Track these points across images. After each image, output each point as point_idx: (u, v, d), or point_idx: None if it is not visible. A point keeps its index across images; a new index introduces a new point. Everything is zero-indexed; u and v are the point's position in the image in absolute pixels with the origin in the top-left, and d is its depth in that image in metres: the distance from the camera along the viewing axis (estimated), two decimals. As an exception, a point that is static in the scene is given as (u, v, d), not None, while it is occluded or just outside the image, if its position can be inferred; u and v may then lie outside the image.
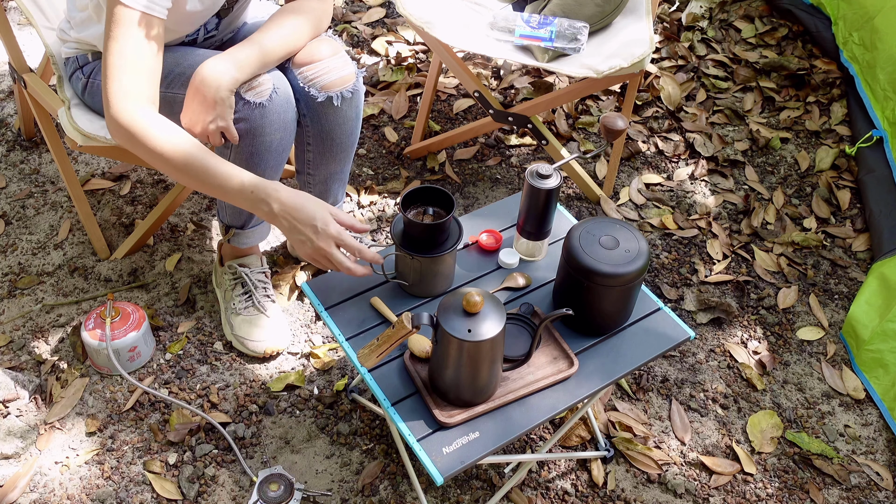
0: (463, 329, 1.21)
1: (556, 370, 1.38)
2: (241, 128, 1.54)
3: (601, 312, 1.41)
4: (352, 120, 1.70)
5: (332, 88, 1.62)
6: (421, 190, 1.45)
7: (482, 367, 1.26)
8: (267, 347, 1.83)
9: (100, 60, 1.66)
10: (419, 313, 1.24)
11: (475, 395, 1.30)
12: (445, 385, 1.30)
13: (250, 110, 1.52)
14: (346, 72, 1.63)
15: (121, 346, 1.74)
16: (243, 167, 1.59)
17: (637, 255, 1.35)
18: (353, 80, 1.65)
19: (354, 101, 1.67)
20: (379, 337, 1.28)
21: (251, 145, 1.57)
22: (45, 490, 1.62)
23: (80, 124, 1.66)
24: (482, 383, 1.29)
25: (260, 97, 1.52)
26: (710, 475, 1.74)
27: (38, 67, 1.98)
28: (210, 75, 1.45)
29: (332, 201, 1.88)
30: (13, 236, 2.07)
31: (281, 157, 1.63)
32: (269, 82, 1.53)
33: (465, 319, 1.22)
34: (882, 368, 1.89)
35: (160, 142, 1.36)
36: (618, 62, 1.91)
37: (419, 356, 1.38)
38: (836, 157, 2.49)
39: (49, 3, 1.92)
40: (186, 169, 1.37)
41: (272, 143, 1.58)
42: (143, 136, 1.36)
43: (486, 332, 1.22)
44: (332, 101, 1.63)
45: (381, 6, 2.93)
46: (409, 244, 1.42)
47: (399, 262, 1.47)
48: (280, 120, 1.56)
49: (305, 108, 1.66)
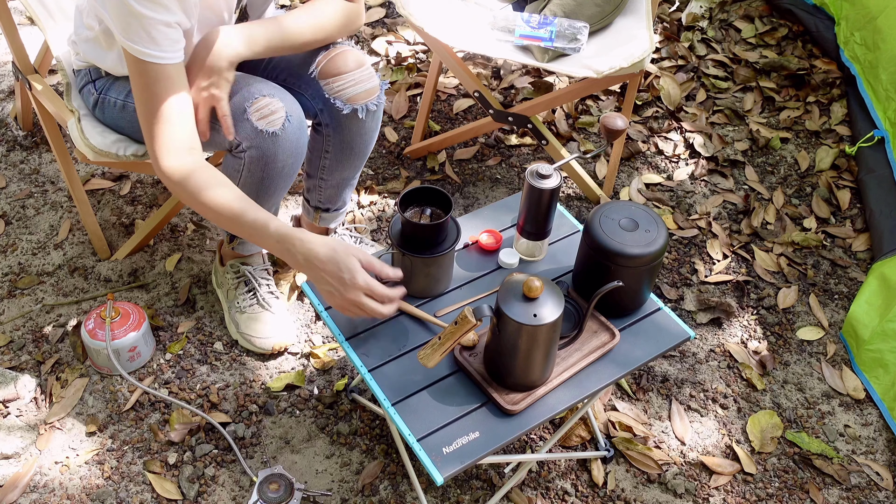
0: (528, 314, 1.25)
1: (600, 343, 1.43)
2: (252, 155, 1.53)
3: (627, 294, 1.45)
4: (372, 131, 1.71)
5: (357, 101, 1.62)
6: (419, 190, 1.45)
7: (549, 349, 1.30)
8: (275, 343, 1.83)
9: (112, 77, 1.65)
10: (480, 306, 1.26)
11: (540, 376, 1.35)
12: (509, 371, 1.33)
13: (262, 139, 1.51)
14: (371, 84, 1.63)
15: (121, 346, 1.74)
16: (252, 191, 1.60)
17: (657, 235, 1.40)
18: (378, 93, 1.65)
19: (377, 113, 1.68)
20: (441, 335, 1.29)
21: (262, 171, 1.56)
22: (45, 490, 1.62)
23: (92, 139, 1.64)
24: (547, 364, 1.34)
25: (272, 126, 1.50)
26: (710, 475, 1.74)
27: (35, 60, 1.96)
28: (213, 41, 1.45)
29: (340, 204, 1.88)
30: (13, 236, 2.07)
31: (291, 178, 1.63)
32: (281, 110, 1.51)
33: (528, 305, 1.25)
34: (882, 368, 1.89)
35: (203, 196, 1.39)
36: (618, 62, 1.91)
37: (467, 345, 1.41)
38: (836, 157, 2.49)
39: (58, 5, 1.90)
40: (223, 220, 1.40)
41: (283, 168, 1.58)
42: (188, 190, 1.40)
43: (549, 315, 1.26)
44: (356, 114, 1.63)
45: (381, 6, 2.93)
46: (407, 244, 1.42)
47: (395, 262, 1.47)
48: (292, 147, 1.56)
49: (328, 118, 1.66)
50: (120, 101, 1.62)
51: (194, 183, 1.39)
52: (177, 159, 1.40)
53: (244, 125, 1.50)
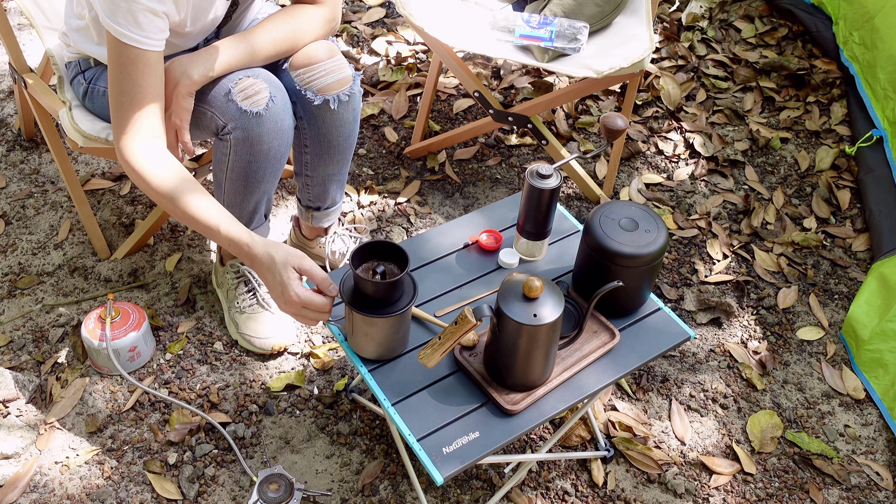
0: (527, 314, 1.25)
1: (600, 343, 1.43)
2: (237, 136, 1.53)
3: (627, 294, 1.45)
4: (349, 123, 1.70)
5: (328, 91, 1.61)
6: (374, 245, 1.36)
7: (549, 349, 1.30)
8: (274, 343, 1.83)
9: (101, 67, 1.66)
10: (480, 306, 1.26)
11: (540, 376, 1.35)
12: (509, 371, 1.32)
13: (247, 119, 1.51)
14: (343, 74, 1.63)
15: (121, 346, 1.74)
16: (241, 177, 1.60)
17: (657, 235, 1.40)
18: (350, 83, 1.64)
19: (352, 104, 1.67)
20: (441, 335, 1.28)
21: (248, 154, 1.56)
22: (45, 490, 1.62)
23: (82, 126, 1.66)
24: (547, 364, 1.34)
25: (256, 106, 1.51)
26: (710, 475, 1.74)
27: (38, 67, 1.98)
28: (171, 70, 1.47)
29: (331, 202, 1.88)
30: (13, 236, 2.07)
31: (279, 163, 1.63)
32: (265, 90, 1.52)
33: (528, 305, 1.25)
34: (882, 368, 1.89)
35: (156, 181, 1.41)
36: (618, 62, 1.91)
37: (467, 345, 1.41)
38: (836, 156, 2.49)
39: (50, 3, 1.92)
40: (175, 210, 1.41)
41: (269, 150, 1.58)
42: (142, 174, 1.41)
43: (549, 315, 1.26)
44: (328, 105, 1.63)
45: (381, 6, 2.93)
46: (358, 302, 1.33)
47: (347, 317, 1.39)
48: (277, 128, 1.56)
49: (302, 110, 1.66)
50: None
51: (146, 162, 1.41)
52: (141, 143, 1.42)
53: (229, 106, 1.51)
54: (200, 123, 1.57)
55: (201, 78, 1.49)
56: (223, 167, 1.61)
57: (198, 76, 1.48)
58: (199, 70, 1.48)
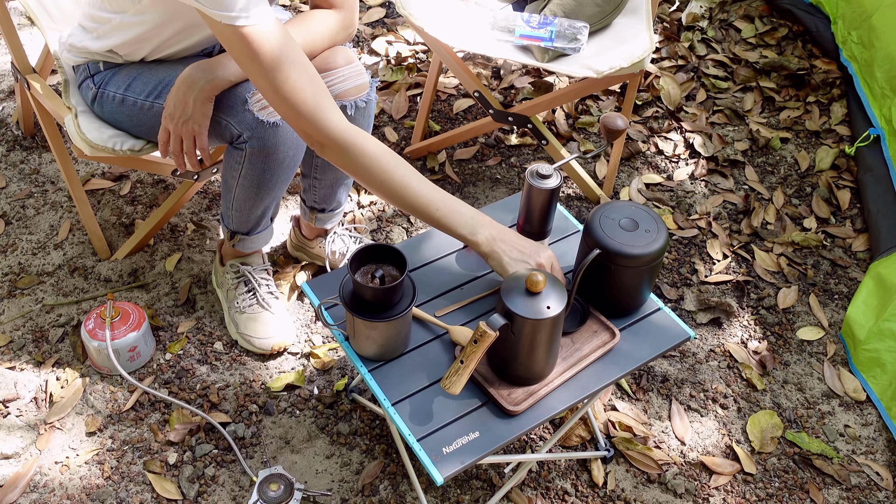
0: (532, 309, 1.25)
1: (600, 343, 1.43)
2: (253, 146, 1.53)
3: (627, 294, 1.45)
4: (365, 128, 1.70)
5: (345, 98, 1.61)
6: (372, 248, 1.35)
7: (552, 342, 1.31)
8: (274, 343, 1.83)
9: (111, 70, 1.63)
10: (492, 317, 1.25)
11: (544, 369, 1.35)
12: (513, 366, 1.33)
13: (263, 130, 1.51)
14: (361, 81, 1.62)
15: (121, 346, 1.74)
16: (253, 184, 1.59)
17: (657, 235, 1.40)
18: (368, 90, 1.64)
19: (368, 111, 1.67)
20: (462, 357, 1.26)
21: (263, 163, 1.56)
22: (45, 490, 1.62)
23: (88, 134, 1.64)
24: (551, 358, 1.34)
25: (273, 116, 1.50)
26: (710, 475, 1.74)
27: (37, 63, 1.96)
28: (190, 75, 1.46)
29: (336, 205, 1.88)
30: (13, 236, 2.07)
31: (291, 171, 1.63)
32: None
33: (533, 299, 1.26)
34: (879, 368, 1.89)
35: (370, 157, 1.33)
36: (618, 62, 1.91)
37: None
38: (835, 156, 2.49)
39: (55, 4, 1.90)
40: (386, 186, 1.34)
41: (284, 160, 1.57)
42: (356, 152, 1.33)
43: (555, 307, 1.26)
44: (345, 110, 1.62)
45: (381, 6, 2.93)
46: (357, 306, 1.33)
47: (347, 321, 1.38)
48: (293, 138, 1.55)
49: None
50: (119, 94, 1.61)
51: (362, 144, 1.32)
52: (339, 120, 1.32)
53: (245, 116, 1.50)
54: (215, 131, 1.56)
55: (221, 82, 1.48)
56: (235, 174, 1.60)
57: (217, 80, 1.47)
58: (218, 74, 1.47)
